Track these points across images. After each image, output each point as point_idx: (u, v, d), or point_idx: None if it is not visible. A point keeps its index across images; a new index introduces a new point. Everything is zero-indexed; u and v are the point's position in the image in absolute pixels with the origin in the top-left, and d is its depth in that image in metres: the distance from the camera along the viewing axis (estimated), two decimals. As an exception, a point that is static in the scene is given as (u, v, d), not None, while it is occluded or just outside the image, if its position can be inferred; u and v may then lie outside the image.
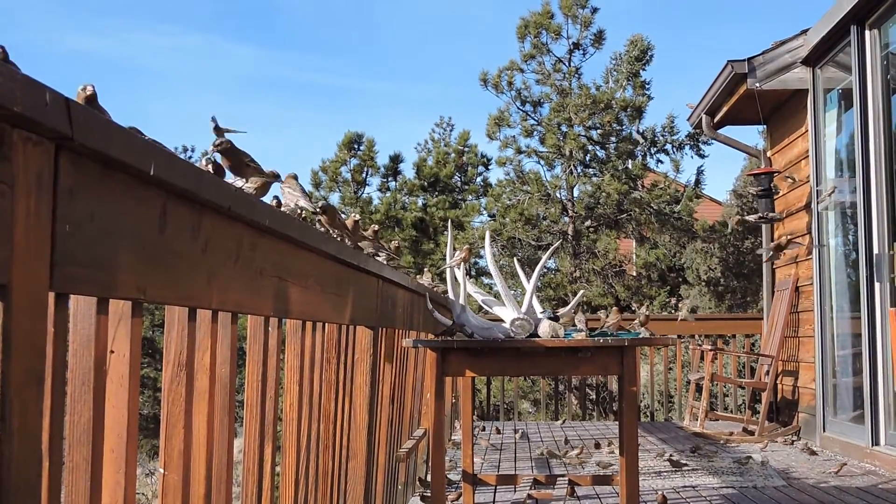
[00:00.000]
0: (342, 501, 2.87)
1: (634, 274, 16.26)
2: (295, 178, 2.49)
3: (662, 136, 15.96)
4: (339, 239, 2.64)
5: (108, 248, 1.12)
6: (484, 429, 8.38)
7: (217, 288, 1.51)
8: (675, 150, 16.00)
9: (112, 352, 1.32)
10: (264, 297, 1.79)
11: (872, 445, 6.03)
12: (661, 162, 16.15)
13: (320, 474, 2.53)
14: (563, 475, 4.81)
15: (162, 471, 1.52)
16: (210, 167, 1.94)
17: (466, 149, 21.71)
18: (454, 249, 3.87)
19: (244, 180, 2.06)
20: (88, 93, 1.60)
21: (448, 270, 3.77)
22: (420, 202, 20.52)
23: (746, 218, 8.41)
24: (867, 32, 6.23)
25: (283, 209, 2.37)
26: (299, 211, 2.46)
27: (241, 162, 2.04)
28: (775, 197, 8.07)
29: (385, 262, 3.53)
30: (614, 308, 3.96)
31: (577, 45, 15.76)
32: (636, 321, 4.54)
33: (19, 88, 0.89)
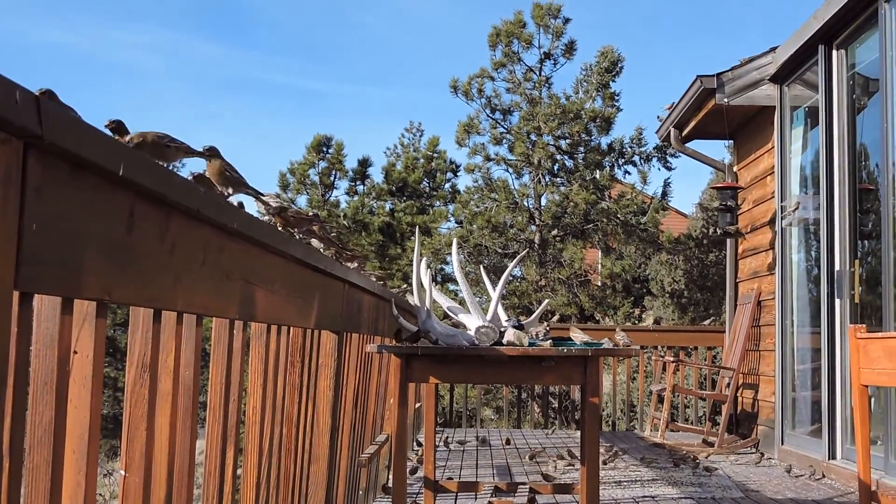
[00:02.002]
0: (303, 506, 2.86)
1: (599, 284, 16.34)
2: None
3: (630, 147, 16.07)
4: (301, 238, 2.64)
5: (74, 249, 1.12)
6: (447, 440, 8.38)
7: (183, 290, 1.50)
8: (642, 161, 16.12)
9: (75, 352, 1.31)
10: (230, 299, 1.79)
11: (829, 459, 6.11)
12: (629, 173, 16.26)
13: (282, 478, 2.53)
14: (524, 483, 4.82)
15: (123, 472, 1.51)
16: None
17: (435, 154, 21.72)
18: (420, 255, 3.87)
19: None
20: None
21: (414, 276, 3.77)
22: (388, 207, 20.51)
23: (718, 231, 8.50)
24: (834, 52, 6.32)
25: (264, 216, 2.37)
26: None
27: (159, 144, 1.94)
28: (739, 212, 8.16)
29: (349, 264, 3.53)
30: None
31: (548, 55, 15.84)
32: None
33: (-11, 86, 0.88)
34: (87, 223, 1.15)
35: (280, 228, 2.50)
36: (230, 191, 2.06)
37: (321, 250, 2.67)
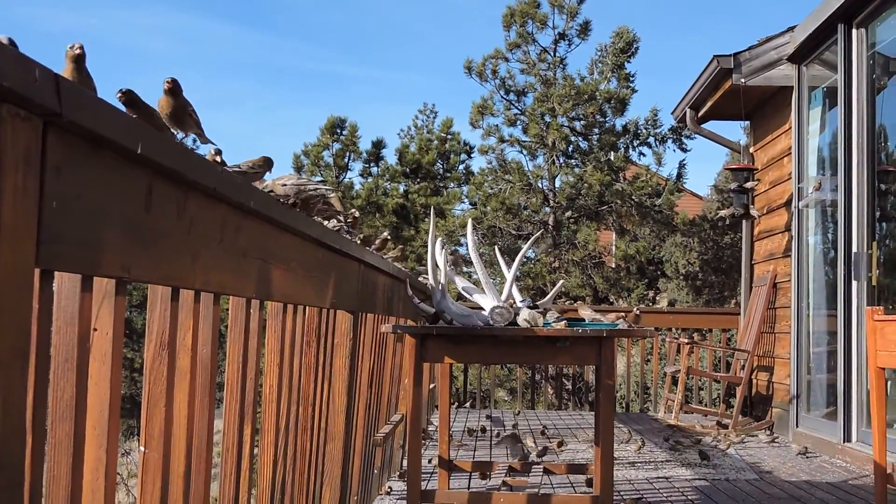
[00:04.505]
0: (319, 483, 2.88)
1: (613, 266, 16.31)
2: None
3: (645, 128, 16.00)
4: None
5: (93, 226, 1.12)
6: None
7: (201, 268, 1.50)
8: (657, 143, 16.04)
9: (95, 329, 1.32)
10: (247, 278, 1.79)
11: (844, 442, 6.09)
12: (644, 155, 16.19)
13: (298, 455, 2.54)
14: (538, 463, 4.83)
15: (143, 449, 1.52)
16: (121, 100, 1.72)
17: (449, 136, 21.67)
18: (435, 236, 3.87)
19: (184, 134, 1.91)
20: (77, 52, 1.54)
21: (429, 257, 3.77)
22: (402, 188, 20.49)
23: (721, 213, 8.47)
24: (854, 31, 6.26)
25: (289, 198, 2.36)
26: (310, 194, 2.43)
27: (184, 110, 1.89)
28: (755, 194, 8.12)
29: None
30: None
31: (562, 36, 15.76)
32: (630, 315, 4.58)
33: (8, 63, 0.88)
34: (106, 201, 1.16)
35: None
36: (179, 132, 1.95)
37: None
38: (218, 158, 2.02)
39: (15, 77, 0.89)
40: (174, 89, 1.84)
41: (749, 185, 7.92)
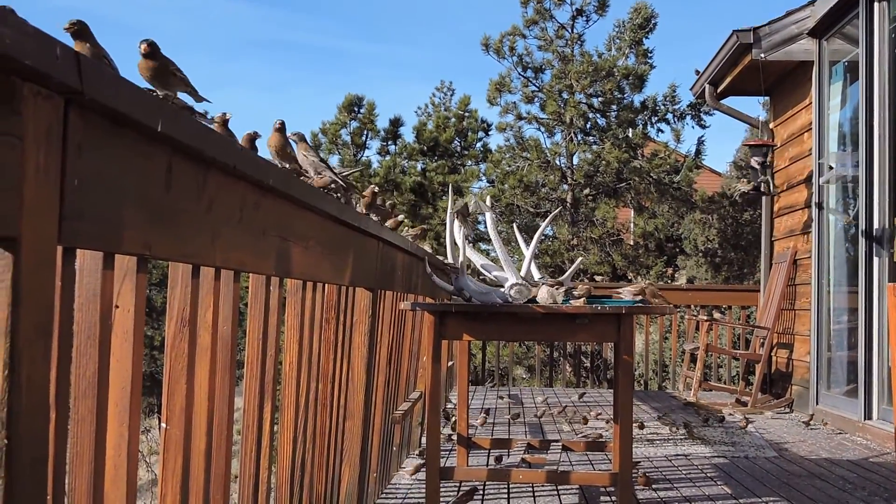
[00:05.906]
0: (338, 460, 2.89)
1: (632, 243, 16.26)
2: (303, 137, 2.47)
3: (664, 105, 15.90)
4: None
5: (115, 204, 1.13)
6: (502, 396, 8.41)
7: (220, 246, 1.51)
8: (676, 119, 15.95)
9: (117, 307, 1.32)
10: (266, 256, 1.80)
11: (865, 419, 6.07)
12: (662, 131, 16.10)
13: (318, 433, 2.55)
14: (556, 440, 4.84)
15: (164, 425, 1.53)
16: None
17: (467, 114, 21.59)
18: (453, 215, 3.86)
19: (173, 94, 1.89)
20: (67, 28, 1.51)
21: (447, 235, 3.76)
22: (419, 166, 20.46)
23: (739, 187, 8.42)
24: (876, 4, 6.18)
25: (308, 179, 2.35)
26: (332, 185, 2.43)
27: (166, 69, 1.85)
28: (775, 170, 8.06)
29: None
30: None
31: (580, 12, 15.66)
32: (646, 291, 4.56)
33: (30, 42, 0.89)
34: (127, 179, 1.16)
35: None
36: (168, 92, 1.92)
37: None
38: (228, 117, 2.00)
39: (37, 55, 0.89)
40: (152, 51, 1.80)
41: (755, 161, 7.87)
